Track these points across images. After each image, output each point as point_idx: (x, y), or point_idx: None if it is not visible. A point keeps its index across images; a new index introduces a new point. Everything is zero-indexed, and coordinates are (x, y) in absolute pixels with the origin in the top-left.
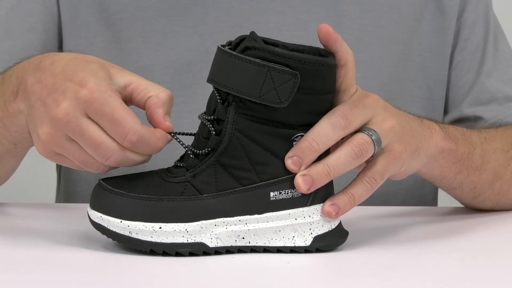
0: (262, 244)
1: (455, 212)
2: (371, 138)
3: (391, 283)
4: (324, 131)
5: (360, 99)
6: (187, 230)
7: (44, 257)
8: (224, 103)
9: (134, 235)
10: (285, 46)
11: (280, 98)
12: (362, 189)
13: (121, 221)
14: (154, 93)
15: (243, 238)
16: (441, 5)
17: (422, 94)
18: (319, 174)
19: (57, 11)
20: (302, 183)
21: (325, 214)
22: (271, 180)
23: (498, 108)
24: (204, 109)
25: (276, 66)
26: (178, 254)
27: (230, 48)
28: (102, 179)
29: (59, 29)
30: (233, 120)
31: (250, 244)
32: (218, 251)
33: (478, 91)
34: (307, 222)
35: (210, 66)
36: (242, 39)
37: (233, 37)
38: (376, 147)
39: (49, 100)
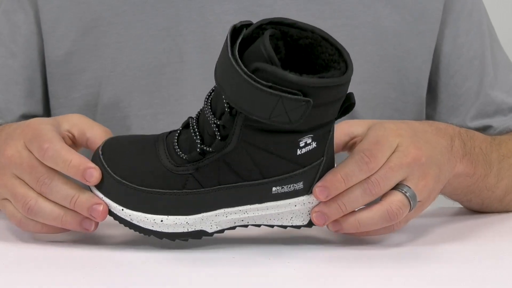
0: (260, 223)
1: (454, 212)
2: (408, 200)
3: (391, 283)
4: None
5: (399, 158)
6: (188, 222)
7: (44, 257)
8: (231, 111)
9: (135, 222)
10: (301, 29)
11: (291, 119)
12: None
13: (123, 209)
14: (90, 135)
15: (242, 220)
16: (421, 8)
17: (396, 96)
18: (348, 226)
19: (38, 27)
20: (331, 226)
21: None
22: (275, 178)
23: (504, 119)
24: (178, 111)
25: (288, 96)
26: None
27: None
28: (101, 150)
29: (40, 44)
30: (240, 131)
31: (249, 224)
32: (217, 232)
33: (484, 103)
34: (306, 207)
35: (184, 67)
36: (260, 25)
37: (205, 38)
38: (412, 204)
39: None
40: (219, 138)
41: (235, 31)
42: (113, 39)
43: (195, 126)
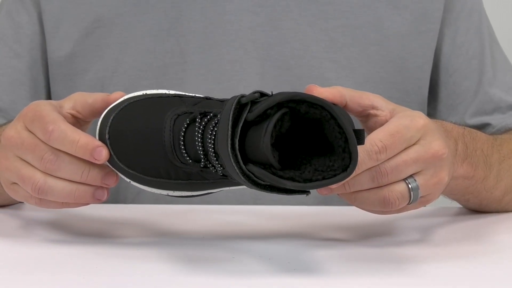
0: None
1: (455, 212)
2: (410, 194)
3: (392, 283)
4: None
5: (418, 152)
6: (194, 195)
7: (44, 257)
8: None
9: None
10: (311, 105)
11: (293, 191)
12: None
13: (130, 181)
14: (91, 100)
15: None
16: (422, 8)
17: (399, 96)
18: (344, 197)
19: (41, 28)
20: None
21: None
22: None
23: (502, 117)
24: None
25: (286, 195)
26: None
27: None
28: (108, 133)
29: (43, 45)
30: (242, 181)
31: None
32: None
33: (483, 101)
34: None
35: (186, 67)
36: (265, 110)
37: (207, 38)
38: (412, 198)
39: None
40: (221, 174)
41: (240, 105)
42: (115, 40)
43: (200, 144)
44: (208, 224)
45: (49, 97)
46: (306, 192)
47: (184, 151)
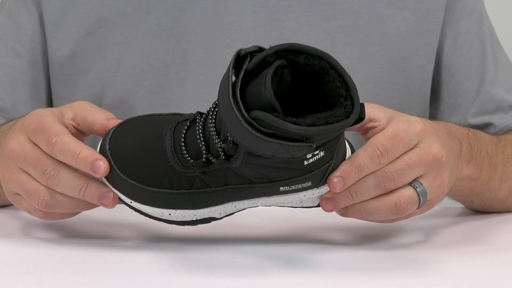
0: (270, 205)
1: (457, 212)
2: (418, 197)
3: (392, 283)
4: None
5: (419, 155)
6: (196, 214)
7: (44, 257)
8: (234, 141)
9: (144, 211)
10: (309, 55)
11: (294, 156)
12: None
13: (131, 202)
14: (91, 119)
15: (251, 204)
16: (424, 8)
17: (401, 96)
18: (353, 212)
19: (42, 28)
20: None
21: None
22: (282, 181)
23: (504, 116)
24: (182, 111)
25: (290, 144)
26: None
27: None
28: (109, 144)
29: (44, 45)
30: (244, 156)
31: (259, 205)
32: (226, 216)
33: (484, 100)
34: (315, 196)
35: (187, 67)
36: (264, 57)
37: (208, 38)
38: (421, 201)
39: (4, 140)
40: (224, 157)
41: (239, 58)
42: (117, 40)
43: (201, 134)
44: (208, 225)
45: (49, 97)
46: (310, 145)
47: (185, 151)
